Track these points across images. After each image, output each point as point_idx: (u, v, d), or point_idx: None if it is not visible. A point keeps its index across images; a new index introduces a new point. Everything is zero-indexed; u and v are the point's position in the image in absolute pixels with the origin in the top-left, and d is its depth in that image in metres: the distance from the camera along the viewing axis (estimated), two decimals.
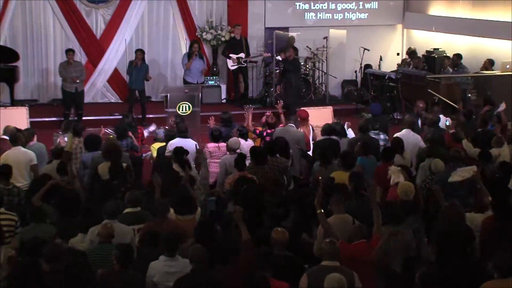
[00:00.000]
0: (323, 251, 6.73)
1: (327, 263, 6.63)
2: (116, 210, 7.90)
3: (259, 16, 18.06)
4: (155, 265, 6.94)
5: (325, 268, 6.56)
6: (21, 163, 10.08)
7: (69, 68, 14.94)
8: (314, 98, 17.60)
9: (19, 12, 16.52)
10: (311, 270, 6.64)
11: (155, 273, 6.91)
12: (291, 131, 11.43)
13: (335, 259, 6.64)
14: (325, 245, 6.73)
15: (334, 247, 6.68)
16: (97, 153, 10.31)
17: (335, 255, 6.66)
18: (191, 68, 16.19)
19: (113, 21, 17.14)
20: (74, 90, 14.97)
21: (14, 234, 8.12)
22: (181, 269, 6.86)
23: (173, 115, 12.83)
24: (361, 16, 19.05)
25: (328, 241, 6.77)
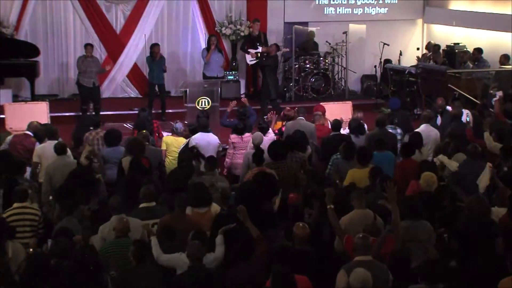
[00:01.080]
0: (356, 245, 6.72)
1: (361, 258, 6.63)
2: (120, 205, 7.90)
3: (279, 10, 18.01)
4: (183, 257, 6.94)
5: (360, 263, 6.56)
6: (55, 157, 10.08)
7: (87, 62, 14.98)
8: (333, 93, 17.56)
9: (39, 7, 16.61)
10: (348, 266, 6.62)
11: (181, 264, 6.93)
12: (302, 124, 11.43)
13: (368, 254, 6.64)
14: (357, 240, 6.73)
15: (366, 242, 6.68)
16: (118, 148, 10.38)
17: (368, 249, 6.66)
18: (210, 62, 16.17)
19: (133, 16, 17.18)
20: (92, 84, 15.02)
21: (37, 229, 8.18)
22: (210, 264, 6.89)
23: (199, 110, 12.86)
24: (381, 10, 18.96)
25: (360, 236, 6.76)
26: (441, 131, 11.50)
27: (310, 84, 17.39)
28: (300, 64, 17.59)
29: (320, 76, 17.50)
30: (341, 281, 6.51)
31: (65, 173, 9.32)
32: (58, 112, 14.87)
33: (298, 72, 17.52)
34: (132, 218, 7.75)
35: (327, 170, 10.15)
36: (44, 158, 10.24)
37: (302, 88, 17.45)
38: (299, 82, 17.49)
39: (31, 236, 8.04)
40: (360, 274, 6.20)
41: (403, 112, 13.16)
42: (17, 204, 8.23)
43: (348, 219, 7.68)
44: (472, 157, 9.50)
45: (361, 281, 6.16)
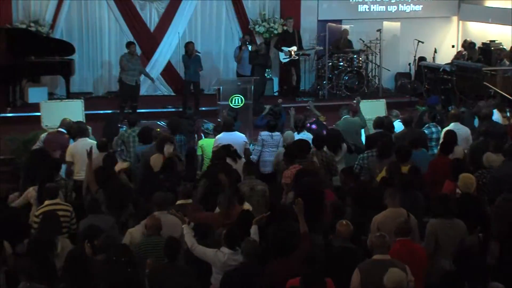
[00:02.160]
0: (373, 244, 6.68)
1: (378, 257, 6.60)
2: (165, 201, 7.95)
3: (312, 8, 17.97)
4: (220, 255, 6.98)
5: (376, 262, 6.52)
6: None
7: (133, 60, 15.08)
8: (366, 91, 17.46)
9: (75, 6, 16.75)
10: (363, 265, 6.60)
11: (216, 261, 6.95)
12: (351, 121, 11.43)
13: (385, 253, 6.60)
14: (375, 239, 6.69)
15: (383, 241, 6.64)
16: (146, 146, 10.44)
17: (385, 248, 6.62)
18: (242, 60, 16.16)
19: (167, 14, 17.26)
20: (134, 83, 15.09)
21: (69, 225, 8.26)
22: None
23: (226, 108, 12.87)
24: (415, 8, 18.83)
25: (378, 234, 6.73)
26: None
27: (344, 82, 17.31)
28: (334, 62, 17.52)
29: (354, 74, 17.42)
30: (355, 280, 6.48)
31: None
32: (92, 110, 14.96)
33: (331, 70, 17.46)
34: (171, 216, 7.78)
35: (355, 167, 10.15)
36: (77, 155, 10.32)
37: (335, 86, 17.38)
38: (332, 80, 17.42)
39: (64, 232, 8.12)
40: (394, 275, 6.15)
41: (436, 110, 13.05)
42: (49, 201, 8.31)
43: (381, 218, 7.64)
44: (509, 156, 9.40)
45: (395, 282, 6.11)
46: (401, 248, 6.93)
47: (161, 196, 7.96)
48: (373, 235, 6.92)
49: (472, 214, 7.88)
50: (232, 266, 6.84)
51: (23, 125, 13.86)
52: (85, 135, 10.60)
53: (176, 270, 6.78)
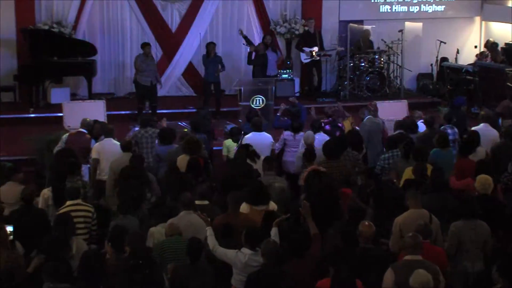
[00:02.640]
0: (406, 244, 6.65)
1: (411, 257, 6.58)
2: (191, 201, 7.97)
3: (333, 9, 17.93)
4: (240, 256, 6.98)
5: (409, 262, 6.50)
6: (113, 154, 10.25)
7: (147, 61, 15.13)
8: (388, 92, 17.40)
9: (97, 7, 16.83)
10: (396, 265, 6.58)
11: (237, 262, 6.95)
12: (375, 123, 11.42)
13: (418, 253, 6.58)
14: (407, 239, 6.67)
15: (416, 241, 6.61)
16: (172, 146, 10.45)
17: (418, 249, 6.59)
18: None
19: (188, 15, 17.29)
20: (149, 83, 15.15)
21: (90, 225, 8.29)
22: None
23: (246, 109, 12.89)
24: (437, 8, 18.73)
25: (410, 235, 6.70)
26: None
27: (365, 82, 17.26)
28: (355, 62, 17.47)
29: (375, 75, 17.36)
30: (388, 280, 6.46)
31: None
32: (114, 111, 15.04)
33: (353, 71, 17.41)
34: (197, 216, 7.79)
35: (376, 167, 10.14)
36: (103, 154, 10.38)
37: (356, 87, 17.34)
38: (353, 80, 17.38)
39: (84, 233, 8.16)
40: (420, 276, 6.12)
41: (460, 111, 12.99)
42: (70, 202, 8.33)
43: (403, 219, 7.61)
44: None
45: (421, 283, 6.08)
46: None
47: (188, 196, 7.98)
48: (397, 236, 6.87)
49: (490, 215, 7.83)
50: (253, 267, 6.83)
51: (45, 125, 13.96)
52: (110, 135, 10.64)
53: (198, 270, 6.79)
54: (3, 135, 13.74)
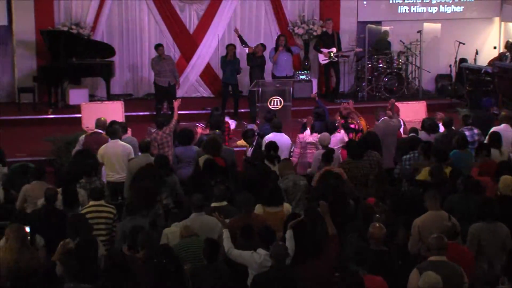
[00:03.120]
0: (430, 246, 6.62)
1: (435, 258, 6.55)
2: (202, 203, 7.95)
3: (352, 9, 17.89)
4: (256, 256, 6.99)
5: (434, 263, 6.47)
6: (119, 156, 10.30)
7: (162, 62, 15.17)
8: (406, 93, 17.33)
9: (115, 8, 16.89)
10: (421, 266, 6.55)
11: (252, 263, 6.95)
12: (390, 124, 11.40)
13: (443, 254, 6.54)
14: (432, 240, 6.64)
15: (441, 242, 6.58)
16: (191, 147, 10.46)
17: (443, 250, 6.56)
18: (278, 61, 16.07)
19: (206, 16, 17.31)
20: (167, 84, 15.19)
21: (111, 227, 8.31)
22: None
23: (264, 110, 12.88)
24: (456, 9, 18.63)
25: (435, 236, 6.67)
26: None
27: (383, 83, 17.21)
28: (373, 63, 17.43)
29: (393, 76, 17.30)
30: (413, 281, 6.43)
31: None
32: (132, 112, 15.10)
33: (371, 72, 17.36)
34: (210, 217, 7.80)
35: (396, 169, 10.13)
36: (106, 157, 10.37)
37: (374, 88, 17.29)
38: (372, 81, 17.33)
39: (106, 233, 8.19)
40: (430, 278, 6.09)
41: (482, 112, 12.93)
42: (93, 202, 8.38)
43: (422, 221, 7.57)
44: None
45: (430, 285, 6.05)
46: (449, 251, 6.84)
47: (198, 197, 7.97)
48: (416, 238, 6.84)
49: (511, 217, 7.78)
50: (268, 268, 6.82)
51: (64, 126, 14.04)
52: (116, 136, 10.60)
53: (215, 271, 6.79)
54: (23, 135, 13.83)
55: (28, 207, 8.84)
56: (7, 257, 7.04)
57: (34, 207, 8.56)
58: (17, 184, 9.56)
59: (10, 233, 7.16)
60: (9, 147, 12.04)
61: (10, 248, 7.07)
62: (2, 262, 7.05)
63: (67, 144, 12.11)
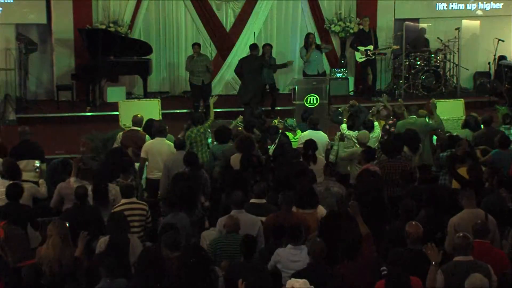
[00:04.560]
0: (455, 245, 6.56)
1: (461, 258, 6.48)
2: (243, 200, 7.98)
3: (389, 7, 17.76)
4: (281, 252, 7.01)
5: (459, 263, 6.41)
6: (164, 155, 10.33)
7: (194, 61, 15.24)
8: (444, 91, 17.18)
9: (152, 6, 17.01)
10: (446, 266, 6.49)
11: (279, 259, 6.95)
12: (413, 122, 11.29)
13: (468, 254, 6.47)
14: (457, 240, 6.56)
15: (467, 242, 6.51)
16: (227, 145, 10.48)
17: (469, 250, 6.49)
18: (310, 60, 15.99)
19: (243, 14, 17.34)
20: (201, 82, 15.27)
21: (145, 223, 8.38)
22: (304, 259, 6.87)
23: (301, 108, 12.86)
24: (495, 6, 18.41)
25: (461, 235, 6.59)
26: None
27: (421, 81, 17.08)
28: (410, 61, 17.30)
29: (431, 73, 17.16)
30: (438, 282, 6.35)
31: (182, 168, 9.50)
32: (169, 109, 15.17)
33: (408, 70, 17.24)
34: (248, 214, 7.81)
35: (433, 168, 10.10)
36: (151, 154, 10.44)
37: (412, 86, 17.17)
38: (409, 79, 17.21)
39: (139, 230, 8.25)
40: (476, 280, 6.02)
41: None
42: (125, 200, 8.42)
43: (458, 219, 7.52)
44: None
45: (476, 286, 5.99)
46: (478, 250, 6.77)
47: (239, 195, 7.99)
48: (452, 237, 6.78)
49: None
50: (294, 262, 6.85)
51: (102, 124, 14.17)
52: (163, 134, 10.68)
53: (252, 268, 6.81)
54: (61, 133, 13.99)
55: (66, 205, 8.91)
56: (50, 254, 7.13)
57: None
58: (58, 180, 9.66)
59: (53, 229, 7.24)
60: (47, 144, 12.18)
61: (53, 245, 7.15)
62: (44, 259, 7.14)
63: (105, 141, 12.21)
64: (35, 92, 16.58)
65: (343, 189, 9.07)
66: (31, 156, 10.26)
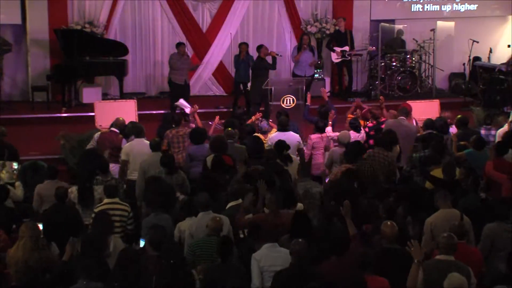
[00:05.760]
0: (440, 244, 6.60)
1: (443, 257, 6.53)
2: (208, 202, 7.94)
3: (365, 8, 17.84)
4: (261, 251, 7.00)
5: (440, 262, 6.45)
6: (144, 155, 10.25)
7: (182, 60, 15.25)
8: (420, 91, 17.29)
9: (128, 6, 16.91)
10: (426, 264, 6.52)
11: (260, 258, 6.94)
12: (403, 124, 11.31)
13: (451, 254, 6.52)
14: (442, 239, 6.61)
15: (451, 242, 6.56)
16: (204, 146, 10.46)
17: (452, 250, 6.53)
18: (300, 60, 16.02)
19: (219, 15, 17.32)
20: (183, 82, 15.26)
21: (126, 224, 8.35)
22: (283, 255, 6.87)
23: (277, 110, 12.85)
24: (470, 7, 18.57)
25: (445, 235, 6.65)
26: None
27: (397, 82, 17.17)
28: (387, 62, 17.39)
29: (407, 74, 17.27)
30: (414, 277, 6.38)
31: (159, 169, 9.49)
32: (145, 110, 15.11)
33: (384, 71, 17.32)
34: (222, 216, 7.81)
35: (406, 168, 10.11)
36: (132, 155, 10.41)
37: (388, 86, 17.25)
38: (385, 80, 17.29)
39: (120, 231, 8.22)
40: (455, 279, 6.06)
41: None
42: (108, 200, 8.41)
43: (434, 219, 7.56)
44: None
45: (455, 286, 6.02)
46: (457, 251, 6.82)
47: (204, 196, 7.98)
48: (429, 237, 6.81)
49: None
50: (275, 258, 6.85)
51: (77, 125, 14.07)
52: (141, 135, 10.65)
53: (229, 270, 6.79)
54: (36, 134, 13.88)
55: (44, 207, 8.88)
56: (18, 255, 7.04)
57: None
58: (29, 182, 9.59)
59: (26, 231, 7.16)
60: (22, 145, 12.08)
61: (24, 247, 7.07)
62: (11, 261, 7.06)
63: (81, 142, 12.14)
64: (10, 93, 16.41)
65: (322, 188, 9.09)
66: (7, 157, 10.17)
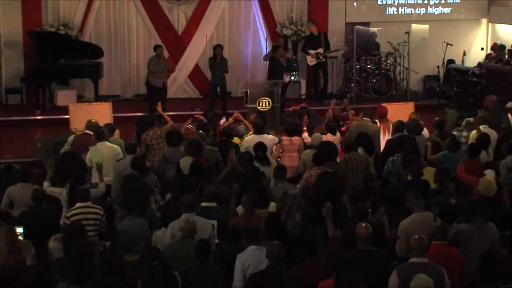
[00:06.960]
0: (411, 247, 6.65)
1: (416, 260, 6.56)
2: (193, 203, 7.96)
3: (340, 11, 17.90)
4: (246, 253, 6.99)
5: (414, 265, 6.49)
6: (108, 158, 10.24)
7: (160, 63, 15.26)
8: (395, 94, 17.39)
9: (103, 9, 16.85)
10: (401, 267, 6.57)
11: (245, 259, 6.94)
12: (367, 125, 11.35)
13: (423, 256, 6.56)
14: (413, 242, 6.66)
15: (422, 244, 6.60)
16: (179, 148, 10.43)
17: (424, 252, 6.58)
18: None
19: (194, 17, 17.31)
20: (161, 85, 15.25)
21: (100, 228, 8.32)
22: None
23: (255, 111, 12.86)
24: (444, 10, 18.71)
25: (416, 237, 6.69)
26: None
27: (372, 84, 17.26)
28: (361, 64, 17.46)
29: (382, 77, 17.36)
30: (392, 283, 6.43)
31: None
32: (120, 113, 15.04)
33: (359, 73, 17.40)
34: (200, 218, 7.79)
35: (384, 171, 10.13)
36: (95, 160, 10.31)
37: (363, 89, 17.33)
38: (360, 82, 17.37)
39: (94, 235, 8.19)
40: (421, 281, 6.10)
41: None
42: (80, 204, 8.37)
43: (409, 222, 7.59)
44: None
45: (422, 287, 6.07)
46: (437, 252, 6.88)
47: (189, 198, 7.97)
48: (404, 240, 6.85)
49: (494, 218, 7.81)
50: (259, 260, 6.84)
51: (52, 127, 13.98)
52: (103, 138, 10.55)
53: (207, 272, 6.79)
54: (10, 137, 13.76)
55: (16, 209, 8.82)
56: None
57: (23, 209, 8.54)
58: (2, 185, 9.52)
59: (2, 234, 7.10)
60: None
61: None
62: None
63: (56, 144, 12.05)
64: None
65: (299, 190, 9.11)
66: None
